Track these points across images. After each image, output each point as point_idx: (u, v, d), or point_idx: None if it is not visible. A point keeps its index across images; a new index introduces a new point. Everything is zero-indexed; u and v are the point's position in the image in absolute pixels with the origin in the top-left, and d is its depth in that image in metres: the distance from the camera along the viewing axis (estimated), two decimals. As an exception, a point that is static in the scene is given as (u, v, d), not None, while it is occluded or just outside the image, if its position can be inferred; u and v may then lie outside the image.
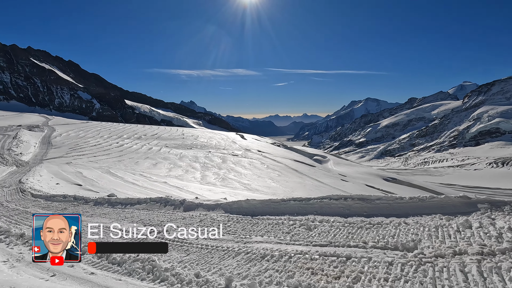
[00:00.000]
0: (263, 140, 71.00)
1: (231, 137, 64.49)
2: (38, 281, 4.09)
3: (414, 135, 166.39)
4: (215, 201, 8.93)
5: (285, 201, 7.61)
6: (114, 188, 19.36)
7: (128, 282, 4.42)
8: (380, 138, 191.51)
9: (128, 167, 31.90)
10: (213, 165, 37.11)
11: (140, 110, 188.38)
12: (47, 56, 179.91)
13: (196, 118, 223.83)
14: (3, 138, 39.85)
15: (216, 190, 25.28)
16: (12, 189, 15.97)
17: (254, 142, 61.56)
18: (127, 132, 57.23)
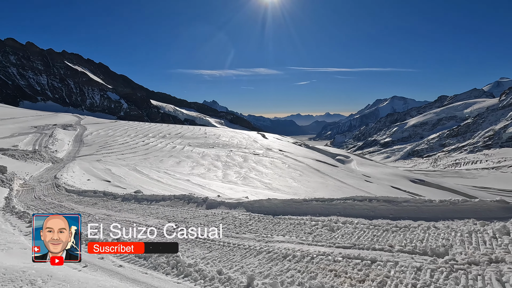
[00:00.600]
0: (284, 139, 70.61)
1: (253, 136, 64.74)
2: (71, 271, 4.34)
3: (445, 135, 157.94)
4: (236, 199, 9.01)
5: (307, 201, 7.52)
6: (140, 185, 20.12)
7: (154, 276, 4.58)
8: (407, 138, 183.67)
9: (153, 164, 33.02)
10: (234, 164, 37.47)
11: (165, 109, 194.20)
12: (80, 58, 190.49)
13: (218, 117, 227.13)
14: (41, 136, 42.71)
15: (238, 189, 25.50)
16: (48, 184, 17.07)
17: (275, 142, 61.38)
18: (152, 131, 59.23)
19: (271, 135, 75.11)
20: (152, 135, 54.80)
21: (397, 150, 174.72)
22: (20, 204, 12.22)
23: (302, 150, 57.13)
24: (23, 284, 2.94)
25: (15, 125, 52.94)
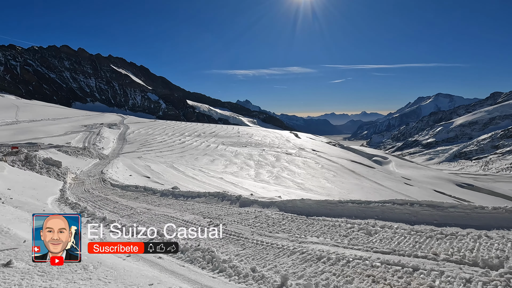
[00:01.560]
0: (318, 139, 69.20)
1: (285, 135, 64.33)
2: (117, 259, 4.68)
3: (498, 135, 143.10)
4: (269, 198, 9.02)
5: (343, 203, 7.29)
6: (176, 182, 21.05)
7: (191, 269, 4.76)
8: (453, 139, 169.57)
9: (189, 162, 34.32)
10: (266, 163, 37.55)
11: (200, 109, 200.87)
12: (123, 62, 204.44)
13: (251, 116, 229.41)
14: (90, 134, 46.58)
15: (270, 188, 25.53)
16: (95, 178, 18.54)
17: (308, 141, 60.40)
18: (188, 130, 61.58)
19: (304, 134, 74.03)
20: (188, 134, 56.97)
21: (441, 152, 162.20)
22: (72, 196, 13.42)
23: (336, 150, 55.52)
24: (78, 269, 3.24)
25: (68, 124, 58.36)
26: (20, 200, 9.93)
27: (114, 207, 10.66)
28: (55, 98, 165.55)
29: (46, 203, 11.14)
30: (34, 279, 2.97)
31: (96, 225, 8.06)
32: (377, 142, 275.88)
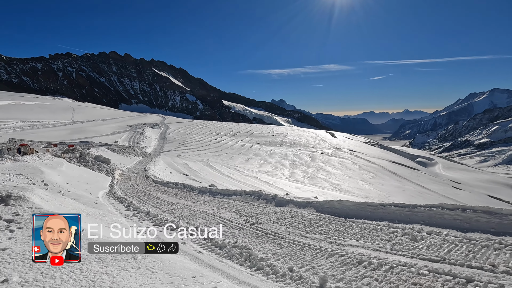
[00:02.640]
0: (355, 138, 66.60)
1: (321, 135, 62.93)
2: (161, 251, 4.97)
3: None
4: (305, 199, 8.90)
5: (384, 206, 6.93)
6: (213, 180, 21.67)
7: (229, 265, 4.89)
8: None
9: (224, 161, 35.14)
10: (301, 163, 37.06)
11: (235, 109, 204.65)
12: (164, 65, 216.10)
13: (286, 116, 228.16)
14: (134, 134, 49.91)
15: (304, 188, 25.16)
16: (139, 175, 19.78)
17: (345, 141, 58.41)
18: (223, 130, 63.07)
19: (341, 134, 71.73)
20: (224, 133, 58.36)
21: (497, 153, 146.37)
22: (120, 190, 14.48)
23: (376, 151, 52.95)
24: (128, 258, 3.51)
25: (115, 124, 63.11)
26: (76, 193, 10.97)
27: (157, 202, 11.29)
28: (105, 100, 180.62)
29: (98, 197, 12.16)
30: (92, 265, 3.27)
31: (141, 219, 8.63)
32: (421, 142, 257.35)
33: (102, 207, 9.51)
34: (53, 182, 11.69)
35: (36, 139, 36.28)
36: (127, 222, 7.95)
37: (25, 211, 5.29)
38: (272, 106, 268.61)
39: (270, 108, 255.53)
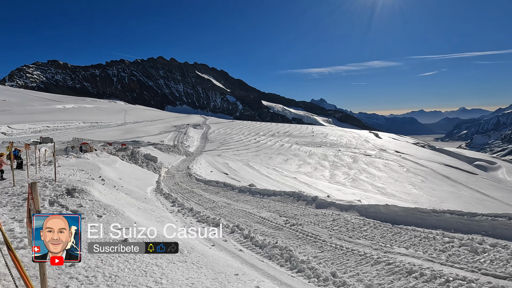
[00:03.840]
0: (402, 139, 62.32)
1: (364, 135, 60.06)
2: (205, 247, 5.17)
3: None
4: (348, 202, 8.55)
5: (438, 213, 6.35)
6: (252, 179, 21.90)
7: (269, 265, 4.89)
8: None
9: (263, 161, 35.33)
10: (342, 164, 35.75)
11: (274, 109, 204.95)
12: (206, 67, 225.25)
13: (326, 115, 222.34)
14: (178, 134, 52.66)
15: (346, 191, 24.21)
16: (183, 173, 20.77)
17: (391, 142, 54.98)
18: (263, 130, 63.46)
19: (386, 134, 67.69)
20: (263, 133, 58.73)
21: None
22: (166, 187, 15.36)
23: (426, 152, 48.98)
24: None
25: (162, 125, 67.24)
26: (128, 188, 11.91)
27: (199, 199, 11.75)
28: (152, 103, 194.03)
29: (146, 192, 13.05)
30: (143, 256, 3.52)
31: (185, 215, 9.05)
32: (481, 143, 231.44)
33: (151, 202, 10.17)
34: (108, 177, 12.83)
35: (95, 139, 40.25)
36: (173, 217, 8.39)
37: (87, 203, 5.88)
38: (312, 105, 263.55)
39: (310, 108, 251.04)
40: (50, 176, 9.58)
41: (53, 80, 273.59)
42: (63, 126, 58.86)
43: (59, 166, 11.44)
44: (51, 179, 8.92)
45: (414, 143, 57.69)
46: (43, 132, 49.50)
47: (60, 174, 10.66)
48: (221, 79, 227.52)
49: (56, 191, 6.81)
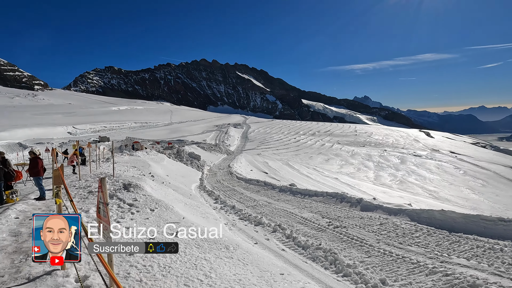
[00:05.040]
0: (458, 138, 56.68)
1: (413, 134, 55.86)
2: (248, 244, 5.27)
3: None
4: (397, 205, 8.02)
5: (506, 222, 5.65)
6: (291, 179, 21.70)
7: (313, 267, 4.80)
8: None
9: (303, 161, 34.80)
10: (389, 165, 33.71)
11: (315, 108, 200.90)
12: (246, 68, 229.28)
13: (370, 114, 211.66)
14: (220, 133, 54.36)
15: (392, 193, 22.78)
16: (224, 171, 21.35)
17: (445, 141, 50.34)
18: (303, 129, 62.55)
19: (439, 133, 62.17)
20: (303, 132, 57.88)
21: None
22: (209, 184, 15.93)
23: (488, 153, 43.93)
24: (222, 247, 3.85)
25: (204, 125, 69.99)
26: (175, 184, 12.61)
27: (240, 197, 11.98)
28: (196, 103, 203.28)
29: (191, 189, 13.68)
30: (193, 250, 3.71)
31: (228, 212, 9.31)
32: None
33: (195, 199, 10.64)
34: (157, 174, 13.72)
35: (145, 138, 43.38)
36: (216, 213, 8.68)
37: (141, 198, 6.37)
38: (355, 103, 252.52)
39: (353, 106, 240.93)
40: (109, 172, 10.56)
41: (109, 85, 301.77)
42: (118, 126, 64.50)
43: (115, 163, 12.56)
44: (110, 174, 9.83)
45: (473, 143, 52.14)
46: (101, 132, 54.85)
47: (117, 170, 11.68)
48: (261, 79, 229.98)
49: (115, 186, 7.50)
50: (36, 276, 2.80)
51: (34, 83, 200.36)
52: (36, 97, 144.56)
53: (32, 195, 6.97)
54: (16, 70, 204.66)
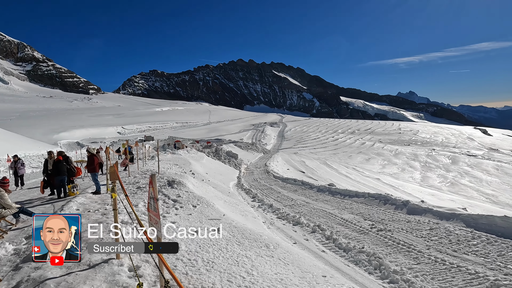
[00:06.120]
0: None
1: (467, 132, 50.89)
2: (287, 244, 5.24)
3: None
4: (450, 209, 7.36)
5: None
6: (329, 178, 21.09)
7: (356, 271, 4.60)
8: None
9: (342, 160, 33.63)
10: (438, 166, 31.16)
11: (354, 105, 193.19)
12: (283, 66, 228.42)
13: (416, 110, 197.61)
14: (256, 132, 54.82)
15: (442, 196, 21.05)
16: (261, 170, 21.47)
17: (505, 139, 45.11)
18: (341, 127, 60.44)
19: (499, 130, 55.89)
20: (341, 131, 55.92)
21: None
22: (246, 183, 16.15)
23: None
24: (262, 245, 3.88)
25: (241, 124, 71.14)
26: (214, 182, 13.01)
27: (278, 196, 11.95)
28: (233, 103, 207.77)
29: (229, 187, 14.00)
30: (234, 247, 3.79)
31: (265, 210, 9.35)
32: None
33: (234, 197, 10.86)
34: (197, 172, 14.26)
35: (185, 137, 45.42)
36: (254, 211, 8.77)
37: (184, 194, 6.67)
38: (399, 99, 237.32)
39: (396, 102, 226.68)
40: (154, 169, 11.24)
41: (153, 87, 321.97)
42: (161, 126, 68.46)
43: (160, 161, 13.34)
44: (155, 171, 10.45)
45: (541, 142, 45.88)
46: (146, 132, 58.71)
47: (161, 168, 12.39)
48: (297, 77, 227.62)
49: (160, 182, 7.96)
50: (95, 263, 3.07)
51: (89, 87, 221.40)
52: (91, 100, 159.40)
53: (89, 189, 7.68)
54: (74, 77, 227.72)
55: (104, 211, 5.40)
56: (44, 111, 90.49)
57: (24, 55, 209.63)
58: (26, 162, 14.36)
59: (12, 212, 5.07)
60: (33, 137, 31.40)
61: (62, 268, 2.98)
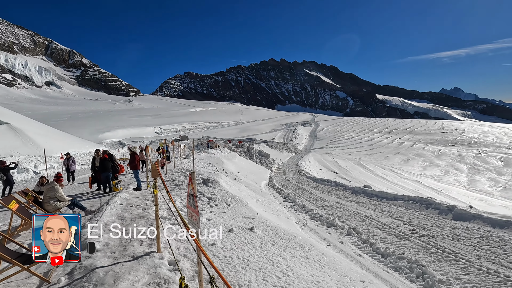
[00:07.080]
0: None
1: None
2: (320, 245, 5.13)
3: None
4: (503, 216, 6.68)
5: None
6: (364, 180, 20.25)
7: (397, 278, 4.36)
8: None
9: (378, 161, 32.11)
10: (487, 168, 28.51)
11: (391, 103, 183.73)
12: (315, 65, 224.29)
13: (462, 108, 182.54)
14: (288, 132, 54.41)
15: (493, 202, 19.25)
16: (292, 170, 21.27)
17: None
18: (377, 127, 57.74)
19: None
20: (377, 130, 53.42)
21: None
22: (277, 182, 16.11)
23: None
24: (297, 246, 3.83)
25: (272, 123, 71.12)
26: (246, 181, 13.15)
27: (310, 197, 11.75)
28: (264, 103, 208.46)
29: (261, 186, 14.06)
30: (268, 246, 3.79)
31: (298, 211, 9.23)
32: None
33: (266, 196, 10.89)
34: (229, 171, 14.52)
35: (218, 136, 46.52)
36: (287, 211, 8.71)
37: (218, 192, 6.83)
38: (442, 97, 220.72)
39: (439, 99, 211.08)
40: (189, 168, 11.66)
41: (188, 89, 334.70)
42: (195, 126, 70.91)
43: (194, 159, 13.82)
44: (191, 170, 10.83)
45: None
46: (181, 131, 61.15)
47: (195, 166, 12.82)
48: (330, 75, 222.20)
49: (195, 180, 8.23)
50: (138, 255, 3.26)
51: (130, 90, 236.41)
52: (131, 102, 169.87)
53: (131, 185, 8.17)
54: (117, 80, 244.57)
55: (145, 206, 5.72)
56: (90, 112, 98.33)
57: (74, 62, 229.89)
58: (76, 159, 15.71)
59: (66, 204, 5.56)
60: (81, 137, 34.25)
61: (109, 258, 3.20)
